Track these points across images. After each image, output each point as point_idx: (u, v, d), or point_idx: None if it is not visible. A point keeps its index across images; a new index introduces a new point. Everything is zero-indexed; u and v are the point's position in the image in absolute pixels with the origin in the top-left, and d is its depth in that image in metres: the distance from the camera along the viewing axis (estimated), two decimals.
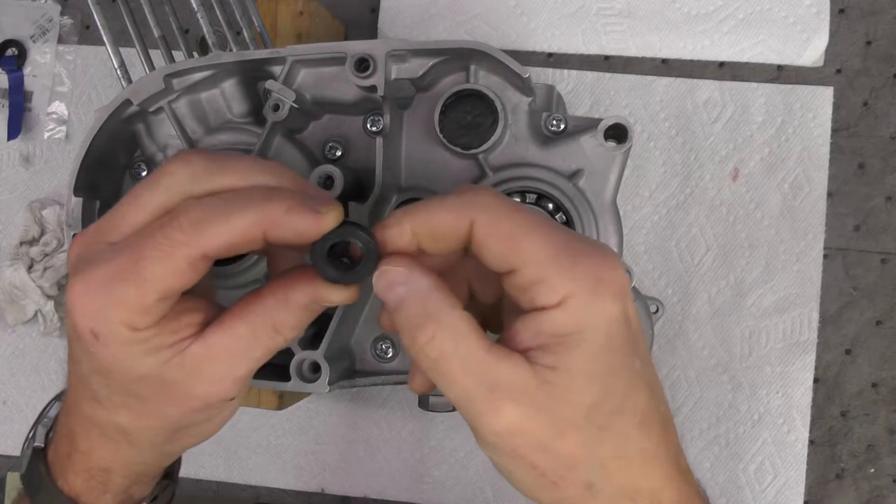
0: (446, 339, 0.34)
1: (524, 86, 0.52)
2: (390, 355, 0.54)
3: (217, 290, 0.53)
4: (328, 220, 0.34)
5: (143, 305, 0.34)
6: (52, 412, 0.44)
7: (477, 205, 0.34)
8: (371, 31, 0.72)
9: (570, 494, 0.35)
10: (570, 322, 0.33)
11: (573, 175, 0.53)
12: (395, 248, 0.35)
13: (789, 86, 0.67)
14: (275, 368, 0.46)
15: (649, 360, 0.37)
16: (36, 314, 0.72)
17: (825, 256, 0.66)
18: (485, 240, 0.34)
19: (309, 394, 0.67)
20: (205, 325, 0.36)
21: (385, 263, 0.35)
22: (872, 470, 0.65)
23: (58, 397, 0.44)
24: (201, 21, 0.54)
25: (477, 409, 0.34)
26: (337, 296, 0.36)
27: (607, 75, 0.69)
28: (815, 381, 0.65)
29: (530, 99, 0.53)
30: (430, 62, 0.52)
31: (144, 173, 0.56)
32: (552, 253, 0.33)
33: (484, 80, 0.53)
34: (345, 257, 0.36)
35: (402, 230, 0.35)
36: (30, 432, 0.44)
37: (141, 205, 0.36)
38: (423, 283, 0.35)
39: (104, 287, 0.34)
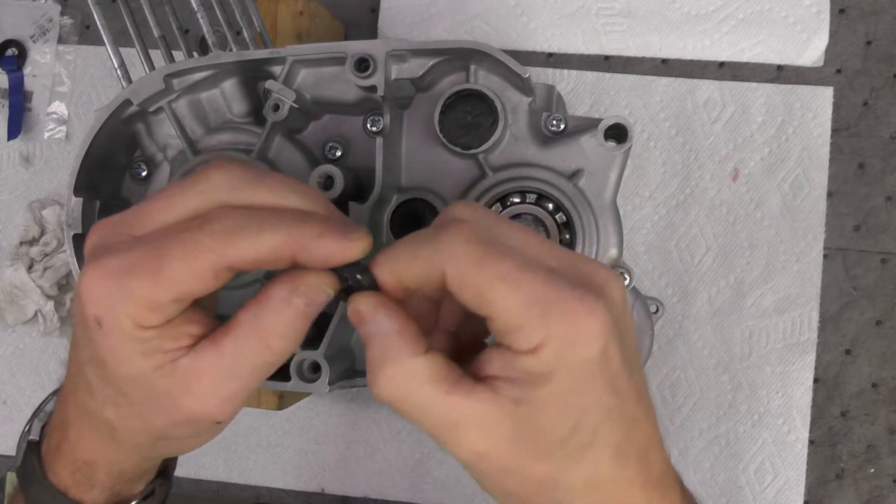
0: (405, 383, 0.34)
1: (524, 86, 0.52)
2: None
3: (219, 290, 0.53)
4: (358, 247, 0.35)
5: (154, 303, 0.34)
6: (49, 407, 0.44)
7: (446, 255, 0.34)
8: (371, 31, 0.72)
9: None
10: (541, 365, 0.33)
11: (573, 175, 0.53)
12: (384, 287, 0.36)
13: (789, 86, 0.67)
14: None
15: (632, 393, 0.36)
16: (36, 314, 0.72)
17: (825, 256, 0.66)
18: (457, 290, 0.34)
19: (309, 394, 0.67)
20: (200, 339, 0.36)
21: (354, 299, 0.35)
22: (872, 470, 0.65)
23: (55, 393, 0.44)
24: (201, 21, 0.54)
25: (443, 440, 0.35)
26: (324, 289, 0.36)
27: (607, 75, 0.69)
28: (815, 381, 0.65)
29: (530, 99, 0.53)
30: (430, 62, 0.52)
31: (144, 173, 0.56)
32: (523, 304, 0.33)
33: (484, 80, 0.53)
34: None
35: (383, 273, 0.35)
36: (26, 426, 0.44)
37: (173, 204, 0.35)
38: (385, 325, 0.35)
39: (119, 276, 0.34)
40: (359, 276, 0.36)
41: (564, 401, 0.34)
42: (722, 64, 0.68)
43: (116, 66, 0.54)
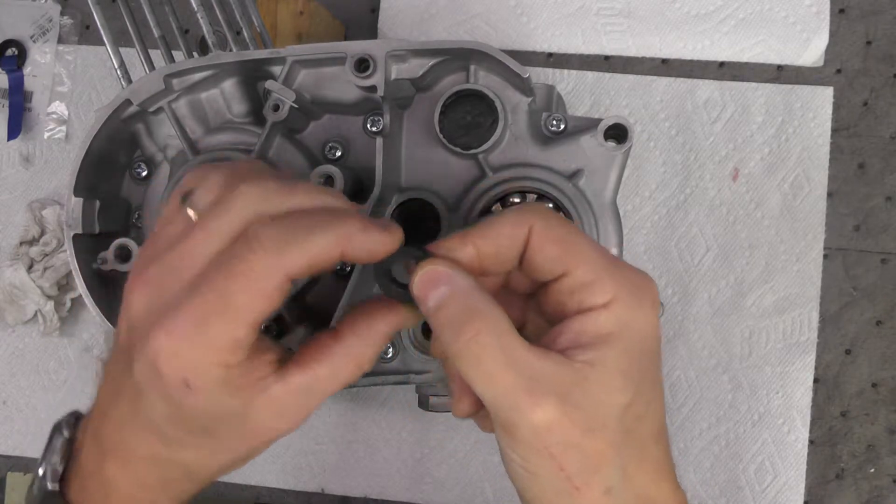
0: (490, 334, 0.34)
1: (524, 86, 0.52)
2: (390, 355, 0.54)
3: None
4: (396, 238, 0.37)
5: (234, 341, 0.34)
6: (58, 444, 0.41)
7: (534, 213, 0.36)
8: (371, 31, 0.71)
9: (589, 501, 0.36)
10: (612, 322, 0.35)
11: (573, 175, 0.53)
12: (460, 263, 0.37)
13: (789, 86, 0.67)
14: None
15: (661, 381, 0.38)
16: (36, 314, 0.72)
17: (825, 256, 0.66)
18: (542, 244, 0.36)
19: None
20: (279, 363, 0.36)
21: (425, 264, 0.36)
22: (872, 470, 0.65)
23: (59, 430, 0.41)
24: (201, 21, 0.54)
25: (517, 403, 0.34)
26: (413, 318, 0.38)
27: (607, 75, 0.69)
28: (815, 381, 0.65)
29: (530, 99, 0.53)
30: (430, 62, 0.52)
31: (144, 173, 0.56)
32: (602, 258, 0.36)
33: (484, 80, 0.53)
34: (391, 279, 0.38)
35: (465, 249, 0.37)
36: (38, 469, 0.41)
37: (212, 232, 0.35)
38: (465, 282, 0.36)
39: (196, 331, 0.34)
40: (410, 269, 0.37)
41: (629, 363, 0.35)
42: (722, 64, 0.68)
43: (116, 66, 0.54)
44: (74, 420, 0.42)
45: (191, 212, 0.36)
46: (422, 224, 0.53)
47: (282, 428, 0.37)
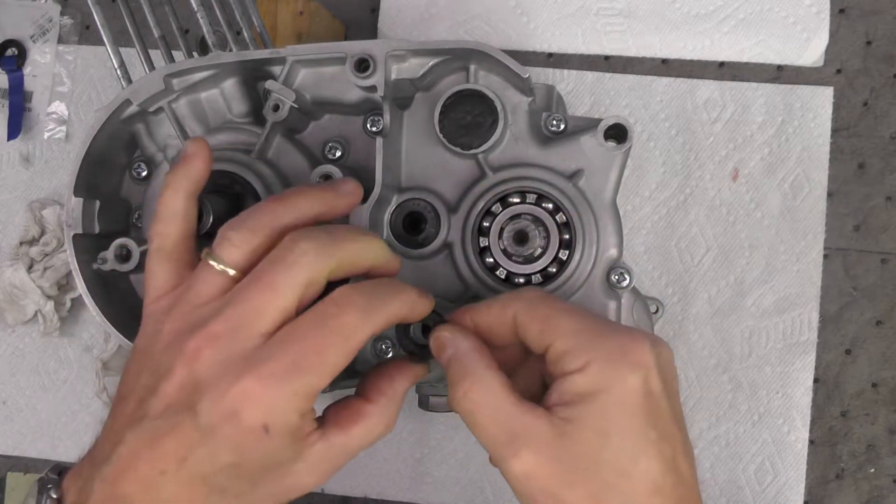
0: (479, 392, 0.40)
1: (524, 86, 0.52)
2: (391, 356, 0.54)
3: None
4: (432, 304, 0.44)
5: (316, 390, 0.39)
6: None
7: (518, 299, 0.42)
8: (371, 31, 0.71)
9: None
10: (588, 383, 0.39)
11: (573, 175, 0.53)
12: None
13: (789, 86, 0.67)
14: None
15: (675, 437, 0.40)
16: (36, 314, 0.72)
17: (825, 256, 0.66)
18: (527, 324, 0.41)
19: None
20: (319, 421, 0.41)
21: (437, 330, 0.43)
22: (872, 470, 0.65)
23: (45, 491, 0.40)
24: (201, 21, 0.54)
25: (500, 453, 0.40)
26: (424, 373, 0.45)
27: (607, 75, 0.69)
28: (815, 381, 0.65)
29: (530, 99, 0.53)
30: (430, 62, 0.52)
31: (144, 173, 0.56)
32: (578, 329, 0.40)
33: (484, 80, 0.53)
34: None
35: (465, 321, 0.44)
36: None
37: (282, 289, 0.38)
38: (463, 345, 0.42)
39: (286, 379, 0.37)
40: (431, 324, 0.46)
41: (607, 421, 0.38)
42: (722, 64, 0.68)
43: (116, 66, 0.54)
44: (58, 475, 0.42)
45: (221, 267, 0.40)
46: (422, 224, 0.53)
47: (310, 484, 0.40)
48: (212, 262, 0.40)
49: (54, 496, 0.40)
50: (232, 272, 0.40)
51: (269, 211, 0.42)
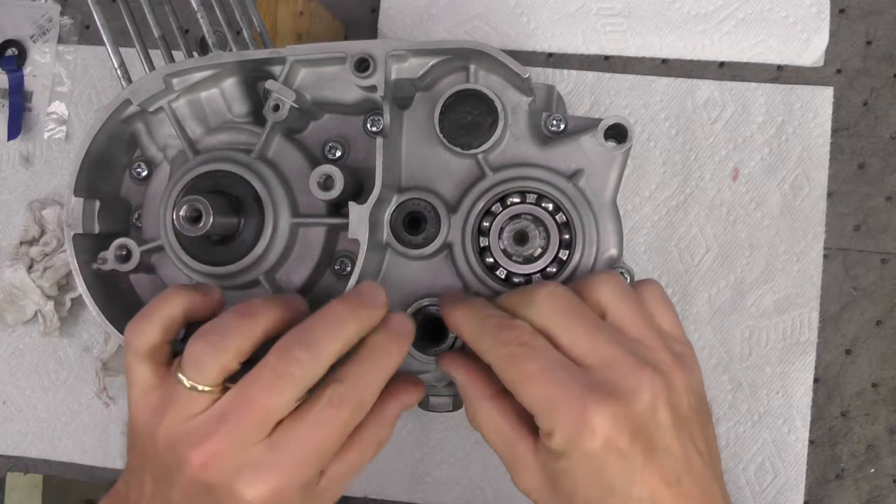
0: (482, 419, 0.46)
1: (524, 86, 0.52)
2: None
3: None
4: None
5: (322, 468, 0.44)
6: None
7: (490, 352, 0.44)
8: (371, 31, 0.72)
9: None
10: (557, 444, 0.41)
11: (573, 175, 0.53)
12: None
13: (789, 86, 0.67)
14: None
15: (653, 480, 0.41)
16: (36, 314, 0.72)
17: (825, 256, 0.66)
18: (501, 377, 0.44)
19: None
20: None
21: (439, 360, 0.50)
22: (872, 470, 0.65)
23: None
24: (201, 21, 0.54)
25: (508, 469, 0.45)
26: (418, 398, 0.49)
27: (607, 75, 0.69)
28: (815, 381, 0.65)
29: (530, 99, 0.53)
30: (430, 62, 0.52)
31: (144, 173, 0.56)
32: (537, 400, 0.42)
33: (484, 80, 0.53)
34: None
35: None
36: None
37: (281, 405, 0.42)
38: (460, 377, 0.47)
39: (297, 476, 0.42)
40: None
41: (578, 478, 0.41)
42: (722, 64, 0.68)
43: (116, 66, 0.54)
44: None
45: (202, 388, 0.43)
46: (421, 224, 0.53)
47: None
48: (188, 384, 0.42)
49: None
50: (209, 390, 0.42)
51: (236, 329, 0.43)
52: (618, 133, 0.52)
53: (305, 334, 0.42)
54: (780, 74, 0.68)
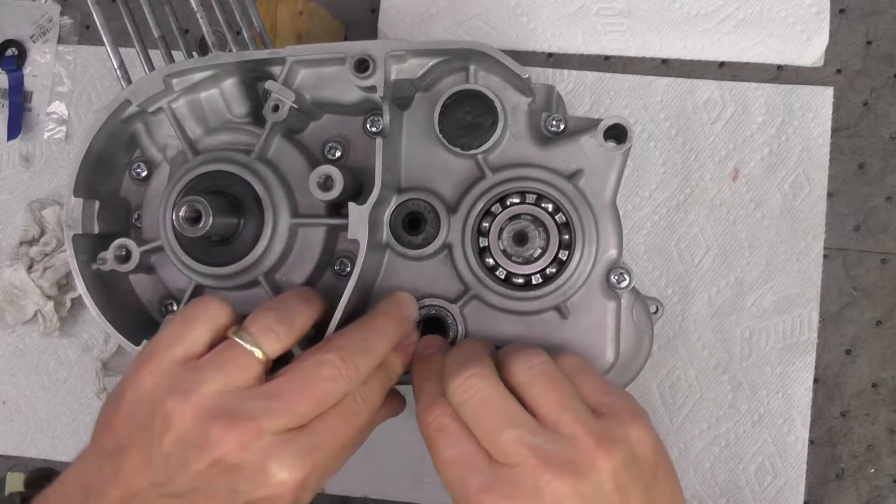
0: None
1: (524, 86, 0.52)
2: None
3: (218, 290, 0.53)
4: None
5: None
6: None
7: (464, 406, 0.45)
8: (371, 31, 0.71)
9: None
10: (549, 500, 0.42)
11: (573, 175, 0.53)
12: None
13: (789, 86, 0.67)
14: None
15: None
16: (36, 314, 0.72)
17: (825, 256, 0.66)
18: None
19: None
20: None
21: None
22: (872, 470, 0.65)
23: None
24: (201, 21, 0.54)
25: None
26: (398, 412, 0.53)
27: (607, 75, 0.69)
28: (815, 381, 0.65)
29: (530, 99, 0.53)
30: (430, 62, 0.52)
31: (144, 173, 0.56)
32: (450, 487, 0.44)
33: (484, 81, 0.53)
34: None
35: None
36: None
37: (329, 400, 0.44)
38: (414, 382, 0.50)
39: (322, 469, 0.45)
40: None
41: None
42: (722, 64, 0.68)
43: (116, 66, 0.54)
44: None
45: (261, 354, 0.45)
46: (421, 224, 0.53)
47: None
48: (251, 349, 0.44)
49: None
50: (265, 359, 0.44)
51: (303, 312, 0.47)
52: (617, 133, 0.52)
53: (365, 344, 0.46)
54: (780, 74, 0.68)
